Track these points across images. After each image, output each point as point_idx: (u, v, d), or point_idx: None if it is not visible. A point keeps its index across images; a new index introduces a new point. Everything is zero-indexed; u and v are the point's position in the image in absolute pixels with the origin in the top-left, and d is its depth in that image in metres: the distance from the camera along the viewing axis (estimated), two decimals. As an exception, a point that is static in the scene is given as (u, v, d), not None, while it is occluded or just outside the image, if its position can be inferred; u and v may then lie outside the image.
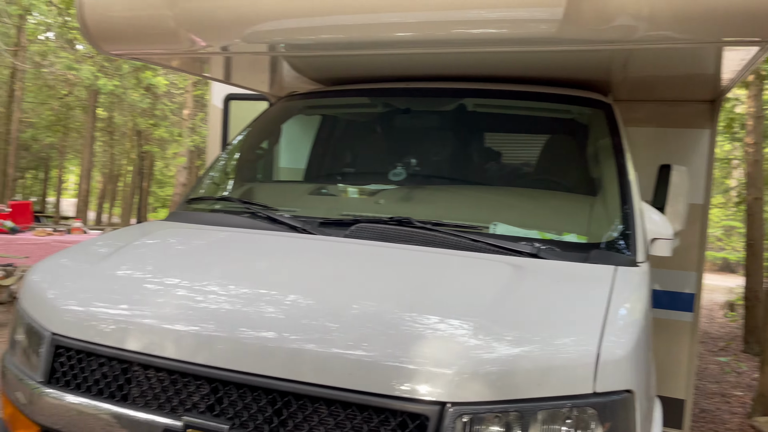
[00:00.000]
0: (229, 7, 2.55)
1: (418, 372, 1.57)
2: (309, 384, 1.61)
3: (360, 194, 2.90)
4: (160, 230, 2.53)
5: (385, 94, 3.20)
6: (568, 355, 1.59)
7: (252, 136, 3.43)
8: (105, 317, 1.86)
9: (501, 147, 3.05)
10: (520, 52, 2.64)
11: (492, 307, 1.75)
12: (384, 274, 2.00)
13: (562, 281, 1.97)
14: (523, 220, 2.46)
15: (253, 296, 1.88)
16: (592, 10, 2.11)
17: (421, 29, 2.33)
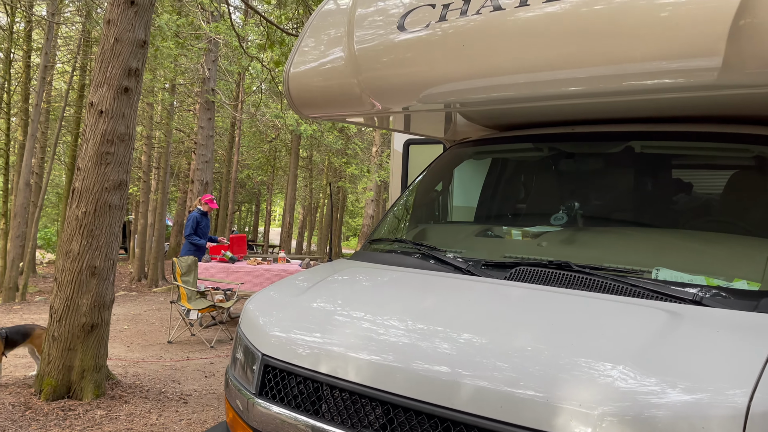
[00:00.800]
0: (404, 75, 2.93)
1: (564, 410, 1.71)
2: (467, 413, 1.83)
3: (523, 236, 3.06)
4: (347, 269, 2.94)
5: (550, 139, 3.34)
6: (713, 407, 1.61)
7: (426, 181, 3.77)
8: (302, 343, 2.28)
9: (669, 189, 3.01)
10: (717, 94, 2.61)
11: (640, 353, 1.82)
12: (540, 316, 2.16)
13: (720, 330, 1.96)
14: (690, 265, 2.43)
15: (423, 331, 2.15)
16: (752, 57, 2.10)
17: (586, 84, 2.46)
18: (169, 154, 19.32)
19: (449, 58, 2.72)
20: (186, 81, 18.57)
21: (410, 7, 2.91)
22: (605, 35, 2.31)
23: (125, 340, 8.24)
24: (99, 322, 5.40)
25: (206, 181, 14.19)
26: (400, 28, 2.90)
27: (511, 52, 2.54)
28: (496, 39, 2.57)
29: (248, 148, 23.08)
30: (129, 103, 5.45)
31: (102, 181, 5.31)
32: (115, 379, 5.84)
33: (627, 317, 2.06)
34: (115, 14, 5.42)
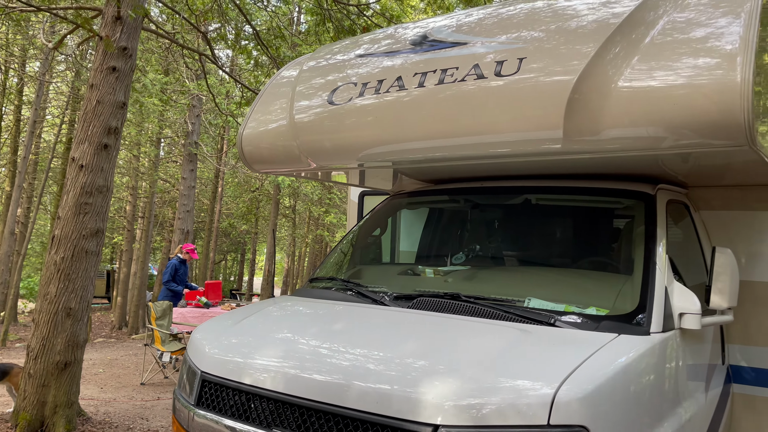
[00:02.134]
0: (331, 140, 3.52)
1: (422, 403, 2.20)
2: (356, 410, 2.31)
3: (435, 274, 3.61)
4: (282, 302, 3.46)
5: (462, 192, 3.92)
6: (530, 394, 2.13)
7: (364, 228, 4.33)
8: (231, 360, 2.77)
9: (552, 234, 3.58)
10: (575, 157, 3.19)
11: (488, 359, 2.34)
12: (423, 334, 2.68)
13: (557, 343, 2.49)
14: (556, 295, 2.98)
15: (327, 348, 2.65)
16: (586, 130, 2.70)
17: (465, 149, 3.07)
18: (154, 203, 19.83)
19: (365, 128, 3.32)
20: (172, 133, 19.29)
21: (337, 85, 3.53)
22: (475, 112, 2.92)
23: (99, 383, 8.55)
24: (72, 360, 5.80)
25: (187, 230, 14.67)
26: (330, 102, 3.51)
27: (409, 123, 3.14)
28: (398, 113, 3.18)
29: (232, 198, 23.67)
30: (108, 158, 6.01)
31: (80, 229, 5.81)
32: (86, 415, 6.19)
33: (488, 335, 2.59)
34: (98, 79, 6.05)
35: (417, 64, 3.24)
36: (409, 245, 4.76)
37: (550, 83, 2.75)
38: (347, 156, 3.55)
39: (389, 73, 3.32)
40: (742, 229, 3.89)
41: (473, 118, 2.96)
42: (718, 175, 3.73)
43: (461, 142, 3.05)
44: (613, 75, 2.65)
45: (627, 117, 2.63)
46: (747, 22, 2.50)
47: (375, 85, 3.33)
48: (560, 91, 2.71)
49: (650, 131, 2.60)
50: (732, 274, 3.01)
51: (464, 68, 3.03)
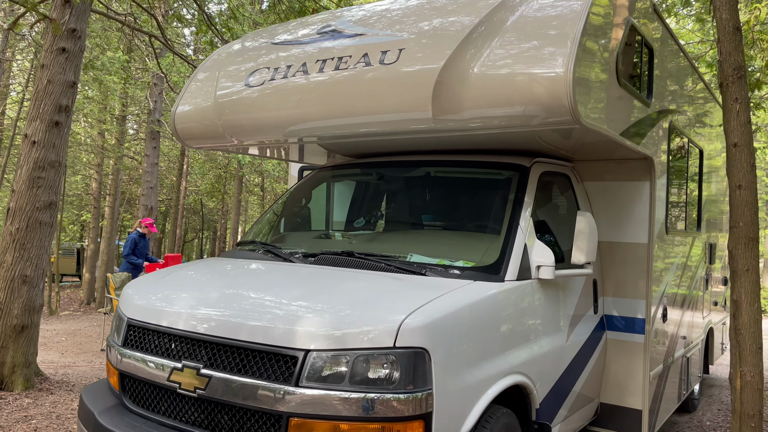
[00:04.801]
0: (249, 120, 3.98)
1: (297, 333, 2.71)
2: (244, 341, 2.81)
3: (343, 237, 4.13)
4: (205, 262, 3.94)
5: (372, 166, 4.43)
6: (381, 323, 2.65)
7: (290, 199, 4.81)
8: (150, 307, 3.25)
9: (443, 202, 4.12)
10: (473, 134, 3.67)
11: (356, 299, 2.86)
12: (311, 282, 3.19)
13: (418, 287, 3.02)
14: (435, 252, 3.51)
15: (228, 295, 3.14)
16: (449, 110, 3.21)
17: (356, 128, 3.57)
18: (120, 181, 19.99)
19: (275, 108, 3.79)
20: (138, 111, 19.42)
21: (254, 69, 3.98)
22: (365, 95, 3.41)
23: (61, 349, 8.97)
24: (29, 323, 6.23)
25: (151, 206, 14.97)
26: (247, 85, 3.96)
27: (312, 105, 3.62)
28: (302, 96, 3.65)
29: (199, 175, 23.89)
30: (59, 135, 6.37)
31: (34, 202, 6.19)
32: (44, 375, 6.63)
33: (364, 282, 3.11)
34: (48, 59, 6.38)
35: (320, 52, 3.71)
36: (341, 216, 5.27)
37: (421, 70, 3.25)
38: (263, 133, 4.02)
39: (297, 59, 3.79)
40: (617, 198, 4.47)
41: (363, 101, 3.46)
42: (595, 151, 4.28)
43: (355, 122, 3.54)
44: (470, 63, 3.16)
45: (482, 99, 3.14)
46: (574, 20, 3.02)
47: (284, 70, 3.80)
48: (428, 77, 3.21)
49: (499, 112, 3.13)
50: (590, 234, 3.56)
51: (356, 57, 3.52)
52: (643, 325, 4.35)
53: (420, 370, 2.62)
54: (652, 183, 4.35)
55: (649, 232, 4.36)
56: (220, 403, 2.79)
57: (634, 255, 4.39)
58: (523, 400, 3.37)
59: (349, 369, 2.60)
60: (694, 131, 5.87)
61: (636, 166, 4.39)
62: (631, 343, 4.39)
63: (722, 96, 3.66)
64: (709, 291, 6.68)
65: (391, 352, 2.61)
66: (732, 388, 3.68)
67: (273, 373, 2.70)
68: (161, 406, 3.03)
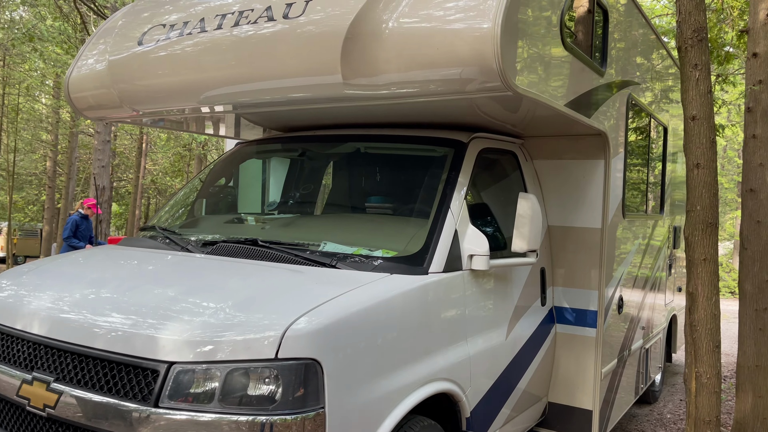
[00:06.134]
0: (142, 85, 3.43)
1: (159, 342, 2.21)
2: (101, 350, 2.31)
3: (256, 221, 3.62)
4: (90, 252, 3.41)
5: (294, 141, 3.92)
6: (260, 330, 2.17)
7: (209, 177, 4.28)
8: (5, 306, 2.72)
9: (370, 182, 3.63)
10: (395, 104, 3.16)
11: (237, 299, 2.37)
12: (193, 277, 2.69)
13: (319, 283, 2.54)
14: (353, 239, 3.03)
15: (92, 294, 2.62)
16: (362, 73, 2.71)
17: (259, 95, 3.05)
18: (75, 159, 19.15)
19: (169, 72, 3.25)
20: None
21: (148, 27, 3.42)
22: (266, 56, 2.89)
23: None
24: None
25: (103, 186, 14.24)
26: (139, 44, 3.40)
27: (208, 67, 3.08)
28: (199, 56, 3.11)
29: (163, 153, 23.05)
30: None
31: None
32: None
33: (255, 276, 2.62)
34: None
35: (220, 6, 3.17)
36: (276, 196, 4.75)
37: (329, 26, 2.74)
38: (160, 101, 3.47)
39: (195, 14, 3.24)
40: (568, 178, 4.02)
41: (265, 63, 2.93)
42: (545, 126, 3.82)
43: (257, 88, 3.02)
44: (384, 15, 2.65)
45: (398, 60, 2.64)
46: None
47: (180, 27, 3.25)
48: (336, 33, 2.69)
49: (419, 75, 2.63)
50: (534, 219, 3.11)
51: (259, 10, 2.98)
52: (594, 318, 3.95)
53: (310, 385, 2.15)
54: (607, 161, 3.90)
55: (602, 216, 3.93)
56: (71, 425, 2.30)
57: (586, 241, 3.96)
58: (452, 407, 2.94)
59: (221, 386, 2.12)
60: (658, 107, 5.45)
61: (590, 143, 3.94)
62: (582, 338, 3.99)
63: (680, 62, 3.22)
64: (672, 276, 6.34)
65: (273, 365, 2.13)
66: (687, 391, 3.29)
67: (131, 390, 2.21)
68: (9, 426, 2.53)
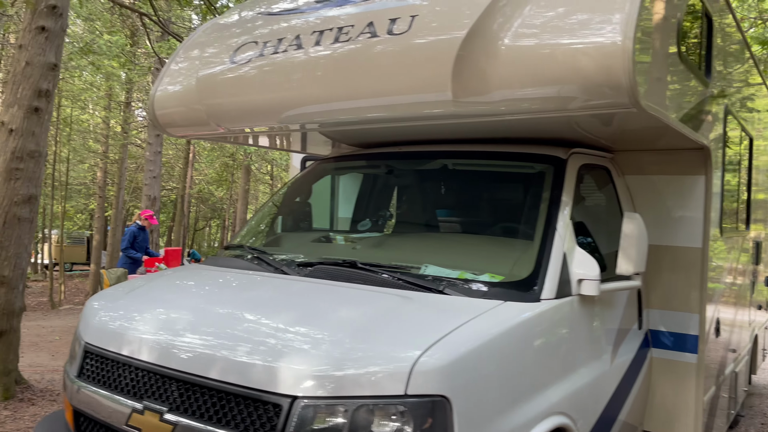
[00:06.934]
0: (234, 103, 3.38)
1: (281, 374, 2.13)
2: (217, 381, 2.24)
3: (345, 241, 3.53)
4: (183, 271, 3.36)
5: (379, 157, 3.81)
6: (388, 364, 2.06)
7: (287, 194, 4.22)
8: (110, 331, 2.68)
9: (464, 200, 3.50)
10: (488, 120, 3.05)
11: (355, 329, 2.27)
12: (302, 303, 2.60)
13: (434, 311, 2.42)
14: (455, 262, 2.90)
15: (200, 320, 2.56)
16: (474, 90, 2.59)
17: (362, 113, 2.96)
18: (125, 169, 19.53)
19: (263, 89, 3.19)
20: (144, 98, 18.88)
21: (240, 44, 3.37)
22: (369, 73, 2.79)
23: (52, 350, 8.49)
24: (8, 329, 5.71)
25: (154, 196, 14.47)
26: (232, 62, 3.36)
27: (305, 85, 3.01)
28: (295, 74, 3.04)
29: (207, 164, 23.37)
30: (39, 122, 5.81)
31: (11, 196, 5.65)
32: (26, 383, 6.12)
33: (366, 303, 2.52)
34: (26, 39, 5.80)
35: (316, 22, 3.10)
36: (346, 212, 4.67)
37: (439, 41, 2.63)
38: (251, 120, 3.42)
39: (289, 31, 3.18)
40: (663, 194, 3.82)
41: (368, 81, 2.84)
42: (640, 140, 3.65)
43: (358, 106, 2.93)
44: (499, 32, 2.53)
45: (514, 78, 2.52)
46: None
47: (275, 44, 3.19)
48: (448, 50, 2.58)
49: (537, 92, 2.50)
50: (639, 239, 2.95)
51: (359, 26, 2.90)
52: (695, 343, 3.72)
53: (439, 423, 2.03)
54: (708, 177, 3.69)
55: (703, 235, 3.72)
56: (187, 458, 2.23)
57: (685, 261, 3.75)
58: (564, 443, 2.78)
59: (348, 423, 2.02)
60: (745, 116, 5.19)
61: (687, 158, 3.73)
62: (681, 363, 3.77)
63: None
64: (754, 294, 6.03)
65: (402, 402, 2.02)
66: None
67: (252, 424, 2.12)
68: (119, 456, 2.47)
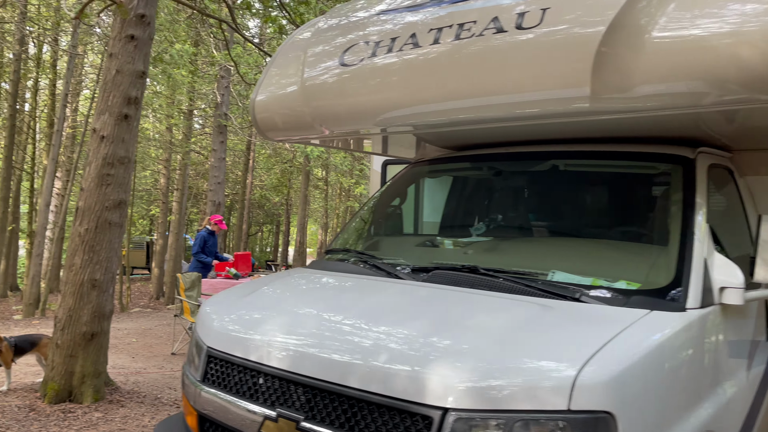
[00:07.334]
0: (343, 105, 3.33)
1: (430, 383, 2.04)
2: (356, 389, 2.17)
3: (454, 246, 3.42)
4: (294, 275, 3.32)
5: (485, 159, 3.69)
6: (550, 376, 1.94)
7: (383, 197, 4.15)
8: (237, 336, 2.65)
9: (581, 203, 3.33)
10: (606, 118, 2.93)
11: (505, 337, 2.16)
12: (436, 309, 2.50)
13: (582, 320, 2.28)
14: (583, 268, 2.76)
15: (331, 325, 2.50)
16: (616, 86, 2.44)
17: (484, 112, 2.84)
18: (187, 176, 20.00)
19: (375, 90, 3.12)
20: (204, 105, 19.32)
21: (349, 45, 3.32)
22: (495, 70, 2.68)
23: (131, 352, 8.69)
24: (99, 331, 5.84)
25: (219, 202, 14.72)
26: (341, 64, 3.30)
27: (422, 85, 2.92)
28: (411, 73, 2.96)
29: (264, 170, 23.72)
30: (129, 129, 5.94)
31: (103, 201, 5.78)
32: (114, 385, 6.25)
33: (506, 310, 2.40)
34: (116, 48, 5.95)
35: (433, 20, 3.00)
36: (432, 216, 4.57)
37: (576, 35, 2.50)
38: (359, 122, 3.36)
39: (403, 30, 3.10)
40: None
41: (492, 77, 2.73)
42: (752, 138, 3.42)
43: (480, 104, 2.82)
44: (646, 24, 2.38)
45: (663, 71, 2.36)
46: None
47: (388, 43, 3.12)
48: (587, 44, 2.45)
49: (690, 86, 2.34)
50: None
51: (483, 22, 2.79)
52: None
53: (606, 445, 1.90)
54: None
55: None
56: (326, 470, 2.16)
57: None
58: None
59: None
60: None
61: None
62: (813, 378, 3.50)
63: None
64: None
65: (565, 418, 1.89)
66: None
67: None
68: (251, 465, 2.42)
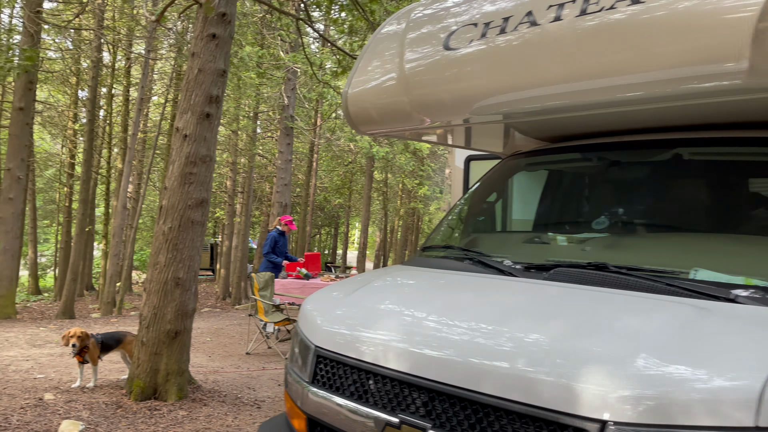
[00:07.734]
0: (449, 91, 3.14)
1: (584, 393, 1.82)
2: (493, 396, 1.97)
3: (568, 242, 3.16)
4: (396, 272, 3.15)
5: (598, 149, 3.41)
6: (728, 389, 1.68)
7: (479, 192, 3.93)
8: (349, 335, 2.49)
9: (714, 195, 3.02)
10: (732, 101, 2.66)
11: (661, 343, 1.91)
12: (572, 310, 2.27)
13: (748, 324, 2.00)
14: (730, 266, 2.46)
15: (457, 324, 2.31)
16: (780, 58, 2.15)
17: (619, 91, 2.58)
18: (252, 178, 20.30)
19: (490, 73, 2.91)
20: (268, 108, 19.57)
21: (454, 28, 3.12)
22: (630, 46, 2.42)
23: (207, 351, 8.77)
24: (182, 329, 5.86)
25: (285, 204, 14.82)
26: (446, 48, 3.11)
27: (544, 65, 2.69)
28: (532, 53, 2.73)
29: (326, 172, 23.85)
30: (210, 128, 5.95)
31: (185, 199, 5.80)
32: (196, 383, 6.27)
33: (655, 312, 2.14)
34: (198, 47, 5.97)
35: (551, -4, 2.77)
36: (523, 213, 4.31)
37: (732, 3, 2.22)
38: (467, 108, 3.15)
39: (517, 8, 2.88)
40: None
41: (627, 54, 2.47)
42: None
43: (613, 83, 2.56)
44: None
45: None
46: None
47: (500, 23, 2.90)
48: (746, 12, 2.17)
49: None
50: None
51: (613, -7, 2.53)
52: None
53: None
54: None
55: None
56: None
57: None
58: None
59: None
60: None
61: None
62: None
63: None
64: None
65: (752, 437, 1.63)
66: None
67: (544, 450, 1.82)
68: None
